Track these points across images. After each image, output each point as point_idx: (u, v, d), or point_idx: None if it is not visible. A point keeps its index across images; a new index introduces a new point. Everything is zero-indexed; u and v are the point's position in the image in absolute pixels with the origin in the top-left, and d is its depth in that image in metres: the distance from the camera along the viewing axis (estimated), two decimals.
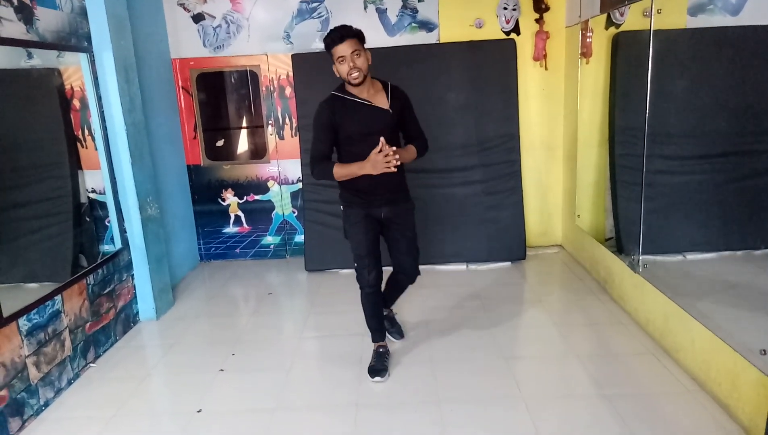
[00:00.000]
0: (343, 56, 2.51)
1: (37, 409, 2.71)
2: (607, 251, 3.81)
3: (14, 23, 2.72)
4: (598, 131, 4.06)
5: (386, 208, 2.75)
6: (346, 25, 2.55)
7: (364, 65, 2.54)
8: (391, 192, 2.74)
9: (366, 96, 2.64)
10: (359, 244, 2.77)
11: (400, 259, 2.89)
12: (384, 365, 2.89)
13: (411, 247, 2.87)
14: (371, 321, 2.96)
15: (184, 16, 4.56)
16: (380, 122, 2.62)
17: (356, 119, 2.62)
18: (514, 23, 4.51)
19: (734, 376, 2.36)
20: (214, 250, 5.00)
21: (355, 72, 2.52)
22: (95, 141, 3.40)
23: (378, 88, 2.69)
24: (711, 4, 3.17)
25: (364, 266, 2.78)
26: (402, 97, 2.74)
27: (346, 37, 2.49)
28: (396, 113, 2.68)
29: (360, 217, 2.74)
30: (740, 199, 3.37)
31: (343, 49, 2.50)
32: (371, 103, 2.64)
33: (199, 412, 2.68)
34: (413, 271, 2.94)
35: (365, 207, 2.73)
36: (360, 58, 2.52)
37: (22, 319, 2.63)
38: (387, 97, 2.68)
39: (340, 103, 2.64)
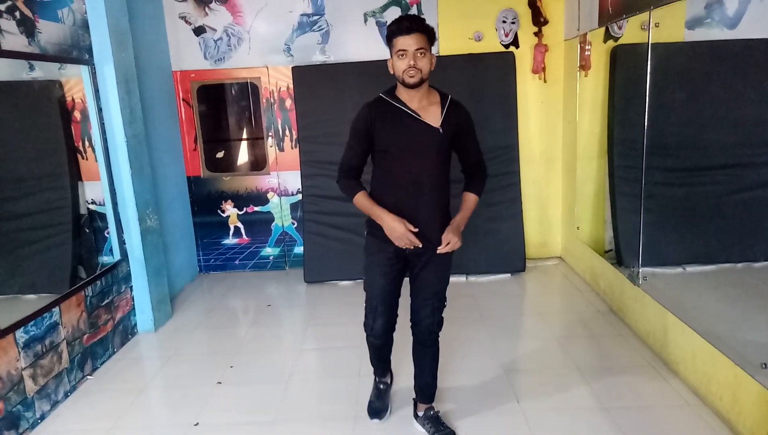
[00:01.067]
0: (405, 51, 2.09)
1: (33, 422, 2.69)
2: (607, 263, 3.80)
3: (16, 36, 2.74)
4: (597, 143, 4.07)
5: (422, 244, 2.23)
6: (417, 17, 2.15)
7: (425, 68, 2.12)
8: (428, 225, 2.23)
9: (416, 106, 2.19)
10: (372, 284, 2.33)
11: (418, 306, 2.36)
12: (384, 404, 2.64)
13: (435, 294, 2.34)
14: (374, 361, 2.58)
15: (186, 29, 4.59)
16: (424, 141, 2.17)
17: (397, 131, 2.18)
18: (513, 36, 4.54)
19: (735, 389, 2.34)
20: (214, 262, 5.00)
21: (413, 71, 2.09)
22: (95, 152, 3.41)
23: (434, 100, 2.23)
24: (709, 18, 3.19)
25: (371, 310, 2.35)
26: (460, 116, 2.24)
27: (414, 30, 2.08)
28: (448, 134, 2.20)
29: (382, 250, 2.27)
30: (740, 211, 3.37)
31: (407, 43, 2.08)
32: (419, 117, 2.17)
33: (197, 425, 2.66)
34: (430, 320, 2.35)
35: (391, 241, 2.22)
36: (424, 59, 2.11)
37: (19, 331, 2.62)
38: (441, 112, 2.20)
39: (384, 108, 2.21)
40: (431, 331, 2.38)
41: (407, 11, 4.50)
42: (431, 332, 2.38)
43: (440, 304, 2.37)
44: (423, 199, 2.21)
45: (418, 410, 2.55)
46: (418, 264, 2.31)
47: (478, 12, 4.49)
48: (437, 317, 2.37)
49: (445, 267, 2.34)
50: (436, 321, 2.37)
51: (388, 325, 2.36)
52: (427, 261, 2.29)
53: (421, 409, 2.54)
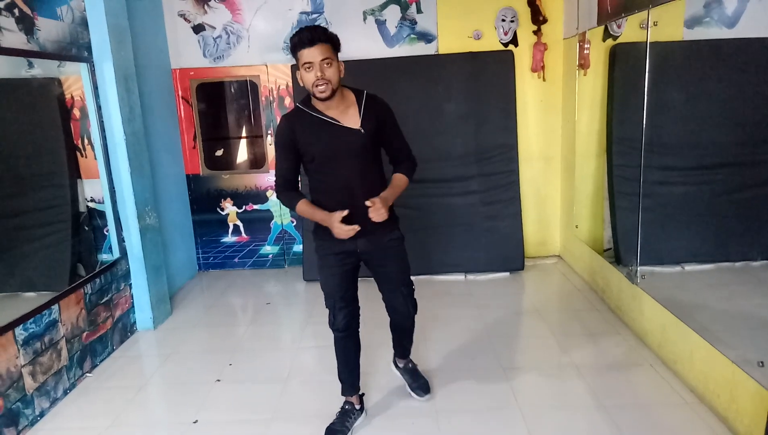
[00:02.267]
0: (311, 63, 2.07)
1: (33, 419, 2.69)
2: (605, 262, 3.81)
3: (15, 33, 2.74)
4: (595, 142, 4.08)
5: (362, 239, 2.27)
6: (319, 27, 2.13)
7: (334, 77, 2.11)
8: (365, 220, 2.21)
9: (334, 112, 2.20)
10: (325, 281, 2.41)
11: (388, 297, 2.51)
12: (344, 426, 2.49)
13: (398, 281, 2.45)
14: (341, 370, 2.55)
15: (185, 27, 4.59)
16: (347, 145, 2.20)
17: (319, 141, 2.20)
18: (512, 35, 4.54)
19: (732, 387, 2.35)
20: (213, 260, 5.00)
21: (322, 84, 2.09)
22: (95, 150, 3.41)
23: (350, 101, 2.24)
24: (707, 17, 3.19)
25: (330, 307, 2.43)
26: (379, 110, 2.27)
27: (317, 41, 2.06)
28: (370, 132, 2.22)
29: (329, 250, 2.34)
30: (738, 210, 3.37)
31: (311, 55, 2.06)
32: (337, 123, 2.19)
33: (196, 422, 2.67)
34: (404, 308, 2.51)
35: (338, 242, 2.27)
36: (330, 69, 2.10)
37: (18, 329, 2.63)
38: (360, 112, 2.22)
39: (303, 118, 2.22)
40: (408, 316, 2.57)
41: (406, 10, 4.50)
42: (408, 317, 2.57)
43: (408, 290, 2.50)
44: (357, 199, 2.21)
45: (398, 362, 2.85)
46: (372, 260, 2.39)
47: (477, 10, 4.49)
48: (410, 302, 2.52)
49: (401, 256, 2.44)
50: (411, 306, 2.53)
51: (349, 317, 2.44)
52: (381, 258, 2.38)
53: (400, 362, 2.84)
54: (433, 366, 3.07)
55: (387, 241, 2.36)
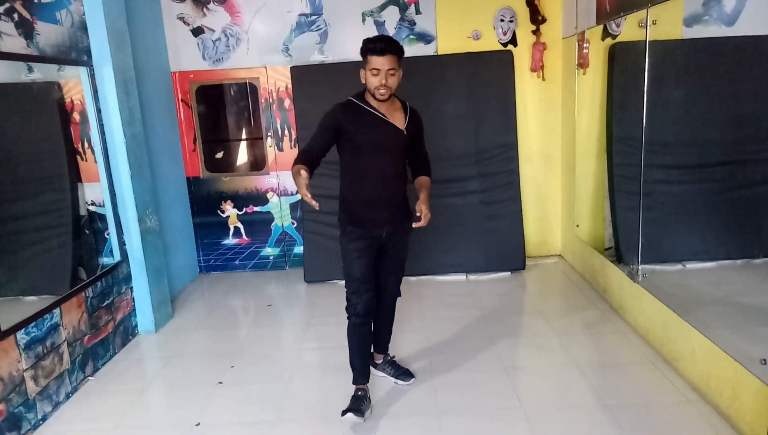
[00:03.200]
0: (378, 70, 2.37)
1: (35, 423, 2.69)
2: (607, 261, 3.81)
3: (15, 38, 2.74)
4: (595, 141, 4.08)
5: (388, 226, 2.59)
6: (393, 40, 2.42)
7: (394, 85, 2.43)
8: (395, 210, 2.60)
9: (384, 111, 2.50)
10: (353, 266, 2.57)
11: (386, 275, 2.74)
12: (359, 407, 2.57)
13: (399, 265, 2.76)
14: (355, 358, 2.68)
15: (184, 30, 4.60)
16: (393, 140, 2.51)
17: (370, 131, 2.47)
18: (511, 35, 4.54)
19: (735, 385, 2.35)
20: (214, 262, 5.00)
21: (383, 90, 2.39)
22: (95, 154, 3.42)
23: (397, 106, 2.57)
24: (706, 15, 3.19)
25: (354, 290, 2.58)
26: (418, 121, 2.64)
27: (388, 52, 2.36)
28: (410, 135, 2.55)
29: (360, 236, 2.56)
30: (739, 208, 3.38)
31: (380, 63, 2.36)
32: (387, 119, 2.49)
33: (198, 425, 2.67)
34: (395, 288, 2.81)
35: (367, 226, 2.55)
36: (393, 78, 2.41)
37: (20, 333, 2.63)
38: (405, 117, 2.56)
39: (356, 110, 2.49)
40: (395, 294, 2.83)
41: (405, 11, 4.50)
42: (395, 295, 2.83)
43: (402, 274, 2.81)
44: (390, 189, 2.55)
45: (376, 359, 2.97)
46: (388, 244, 2.64)
47: (476, 11, 4.49)
48: (399, 282, 2.81)
49: (407, 242, 2.75)
50: (399, 285, 2.82)
51: (370, 302, 2.60)
52: (395, 241, 2.66)
53: (378, 358, 2.98)
54: (436, 366, 3.07)
55: (404, 229, 2.66)
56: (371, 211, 2.55)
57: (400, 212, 2.63)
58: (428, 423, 2.56)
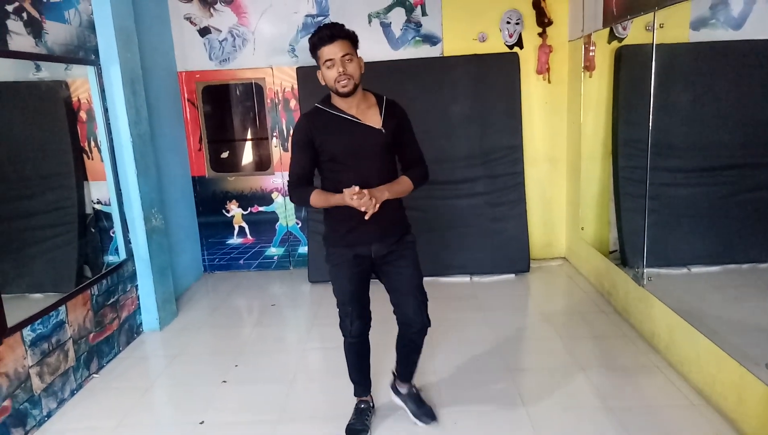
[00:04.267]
0: (332, 59, 2.08)
1: (40, 419, 2.71)
2: (611, 264, 3.80)
3: (23, 37, 2.76)
4: (601, 144, 4.07)
5: (376, 244, 2.26)
6: (337, 24, 2.13)
7: (356, 72, 2.12)
8: (381, 226, 2.23)
9: (355, 111, 2.20)
10: (340, 289, 2.35)
11: (400, 301, 2.35)
12: (364, 424, 2.51)
13: (411, 285, 2.33)
14: (352, 373, 2.55)
15: (191, 30, 4.61)
16: (369, 143, 2.18)
17: (341, 138, 2.18)
18: (517, 37, 4.54)
19: (740, 389, 2.34)
20: (218, 261, 5.01)
21: (344, 79, 2.09)
22: (101, 152, 3.43)
23: (371, 102, 2.25)
24: (713, 19, 3.19)
25: (345, 314, 2.36)
26: (399, 114, 2.27)
27: (336, 37, 2.07)
28: (390, 133, 2.21)
29: (343, 257, 2.29)
30: (745, 212, 3.36)
31: (331, 51, 2.08)
32: (359, 121, 2.19)
33: (202, 423, 2.68)
34: (417, 316, 2.33)
35: (351, 245, 2.27)
36: (352, 64, 2.10)
37: (26, 330, 2.64)
38: (380, 113, 2.22)
39: (323, 118, 2.21)
40: (423, 326, 2.37)
41: (411, 12, 4.51)
42: (423, 327, 2.37)
43: (423, 298, 2.36)
44: None
45: (400, 387, 2.63)
46: (385, 265, 2.32)
47: (483, 13, 4.50)
48: (425, 312, 2.36)
49: (413, 260, 2.34)
50: (425, 314, 2.36)
51: (362, 324, 2.39)
52: (394, 258, 2.31)
53: (402, 386, 2.63)
54: (439, 368, 3.06)
55: (401, 244, 2.32)
56: (354, 228, 2.23)
57: (393, 226, 2.30)
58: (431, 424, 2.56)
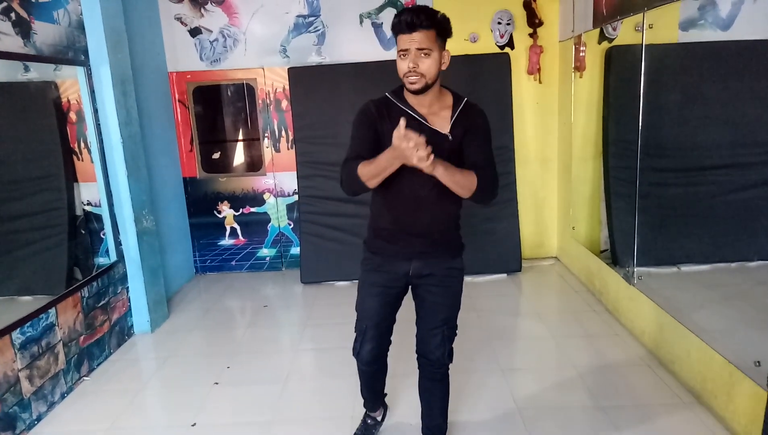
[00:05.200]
0: (406, 50, 1.80)
1: (30, 423, 2.68)
2: (602, 263, 3.82)
3: (12, 37, 2.74)
4: (592, 144, 4.10)
5: (418, 262, 1.98)
6: (426, 9, 1.83)
7: (430, 71, 1.83)
8: (431, 242, 1.96)
9: (425, 111, 1.91)
10: (361, 301, 2.08)
11: (424, 335, 2.07)
12: None
13: (443, 320, 2.03)
14: (364, 391, 2.35)
15: (181, 30, 4.59)
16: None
17: None
18: (508, 37, 4.56)
19: (730, 387, 2.36)
20: (210, 263, 4.99)
21: (413, 76, 1.81)
22: (91, 153, 3.41)
23: (446, 104, 1.96)
24: (702, 20, 3.21)
25: (360, 333, 2.09)
26: (472, 119, 1.96)
27: (418, 27, 1.78)
28: (457, 140, 1.90)
29: (378, 268, 2.03)
30: (734, 211, 3.40)
31: (407, 41, 1.79)
32: (426, 122, 1.89)
33: (194, 425, 2.66)
34: (439, 351, 2.04)
35: (389, 255, 2.00)
36: (427, 60, 1.82)
37: (15, 332, 2.62)
38: (452, 117, 1.93)
39: (389, 109, 1.92)
40: (441, 364, 2.09)
41: None
42: (441, 365, 2.09)
43: (451, 333, 2.06)
44: (424, 214, 1.92)
45: None
46: (421, 287, 2.03)
47: (474, 13, 4.51)
48: (448, 347, 2.06)
49: (455, 290, 2.03)
50: (447, 352, 2.06)
51: (377, 351, 2.11)
52: (432, 283, 2.01)
53: None
54: None
55: (445, 269, 2.01)
56: (396, 240, 1.98)
57: (441, 247, 1.99)
58: None
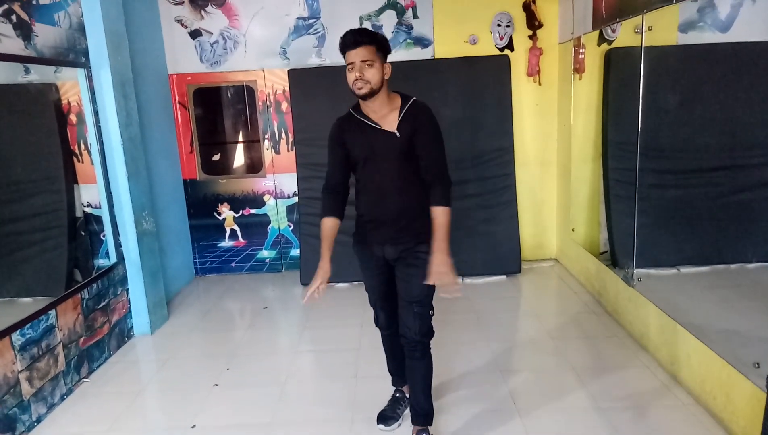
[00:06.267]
0: (352, 63, 2.13)
1: (29, 425, 2.68)
2: (602, 265, 3.83)
3: (13, 39, 2.74)
4: (591, 146, 4.10)
5: (389, 247, 2.29)
6: (364, 30, 2.17)
7: (374, 78, 2.13)
8: (398, 229, 2.26)
9: (376, 116, 2.22)
10: (366, 282, 2.49)
11: (402, 312, 2.35)
12: (395, 413, 2.59)
13: (411, 298, 2.28)
14: (388, 363, 2.65)
15: (182, 32, 4.60)
16: (384, 147, 2.20)
17: (360, 142, 2.23)
18: (507, 39, 4.57)
19: (729, 389, 2.36)
20: (210, 264, 5.00)
21: (360, 82, 2.13)
22: (91, 155, 3.41)
23: (395, 105, 2.24)
24: (701, 21, 3.22)
25: (372, 304, 2.51)
26: (418, 116, 2.22)
27: (360, 44, 2.11)
28: (406, 137, 2.19)
29: (365, 255, 2.39)
30: (733, 213, 3.40)
31: (353, 55, 2.12)
32: (377, 126, 2.21)
33: (194, 427, 2.66)
34: (411, 330, 2.28)
35: (366, 243, 2.36)
36: (371, 70, 2.12)
37: (15, 334, 2.62)
38: (399, 115, 2.21)
39: (351, 122, 2.28)
40: (415, 341, 2.29)
41: (402, 15, 4.52)
42: (416, 342, 2.30)
43: (422, 310, 2.29)
44: (388, 203, 2.25)
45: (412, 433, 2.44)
46: (396, 269, 2.34)
47: (473, 15, 4.52)
48: (420, 323, 2.28)
49: (422, 271, 2.20)
50: (419, 327, 2.28)
51: (391, 317, 2.46)
52: (403, 265, 2.31)
53: (414, 432, 2.43)
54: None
55: (414, 253, 2.27)
56: (371, 228, 2.32)
57: (406, 233, 2.27)
58: None
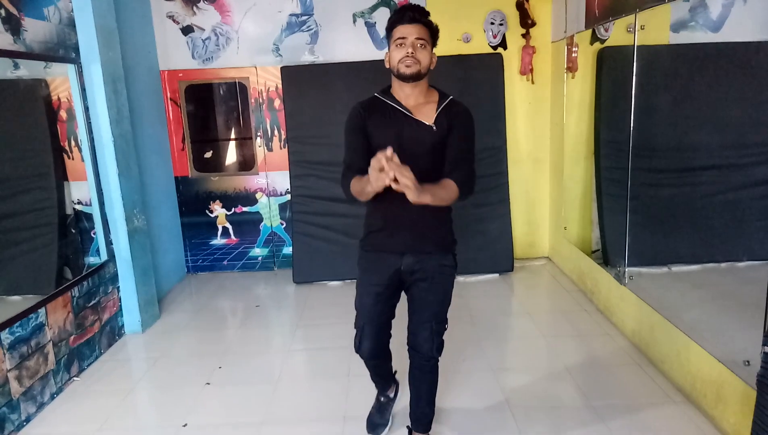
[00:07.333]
0: (404, 38, 1.91)
1: (19, 424, 2.66)
2: (594, 263, 3.84)
3: (1, 34, 2.71)
4: (584, 144, 4.11)
5: (410, 257, 2.05)
6: (425, 10, 1.96)
7: (425, 60, 1.94)
8: (420, 236, 2.04)
9: (412, 106, 2.01)
10: (359, 299, 2.15)
11: (414, 328, 2.14)
12: (384, 419, 2.52)
13: (432, 315, 2.09)
14: (372, 377, 2.46)
15: (173, 28, 4.57)
16: (416, 140, 1.96)
17: (387, 130, 1.98)
18: (501, 38, 4.57)
19: (719, 386, 2.38)
20: (202, 262, 4.97)
21: (409, 60, 1.91)
22: (82, 152, 3.38)
23: (432, 99, 2.05)
24: (693, 21, 3.23)
25: (358, 329, 2.16)
26: (459, 114, 2.03)
27: (417, 21, 1.92)
28: (441, 132, 1.98)
29: (372, 265, 2.11)
30: (724, 212, 3.42)
31: (407, 31, 1.91)
32: (409, 113, 1.99)
33: (185, 426, 2.65)
34: (428, 344, 2.11)
35: (380, 250, 2.08)
36: (423, 51, 1.93)
37: (4, 333, 2.59)
38: (436, 109, 2.01)
39: (377, 106, 2.04)
40: (430, 357, 2.14)
41: None
42: (430, 358, 2.15)
43: (439, 327, 2.12)
44: (412, 207, 1.81)
45: None
46: (413, 282, 2.09)
47: (467, 13, 4.52)
48: (437, 341, 2.13)
49: (446, 287, 2.10)
50: (436, 345, 2.13)
51: (376, 348, 2.20)
52: (421, 278, 2.07)
53: None
54: None
55: (436, 265, 2.07)
56: (387, 234, 2.06)
57: (430, 241, 2.05)
58: None
